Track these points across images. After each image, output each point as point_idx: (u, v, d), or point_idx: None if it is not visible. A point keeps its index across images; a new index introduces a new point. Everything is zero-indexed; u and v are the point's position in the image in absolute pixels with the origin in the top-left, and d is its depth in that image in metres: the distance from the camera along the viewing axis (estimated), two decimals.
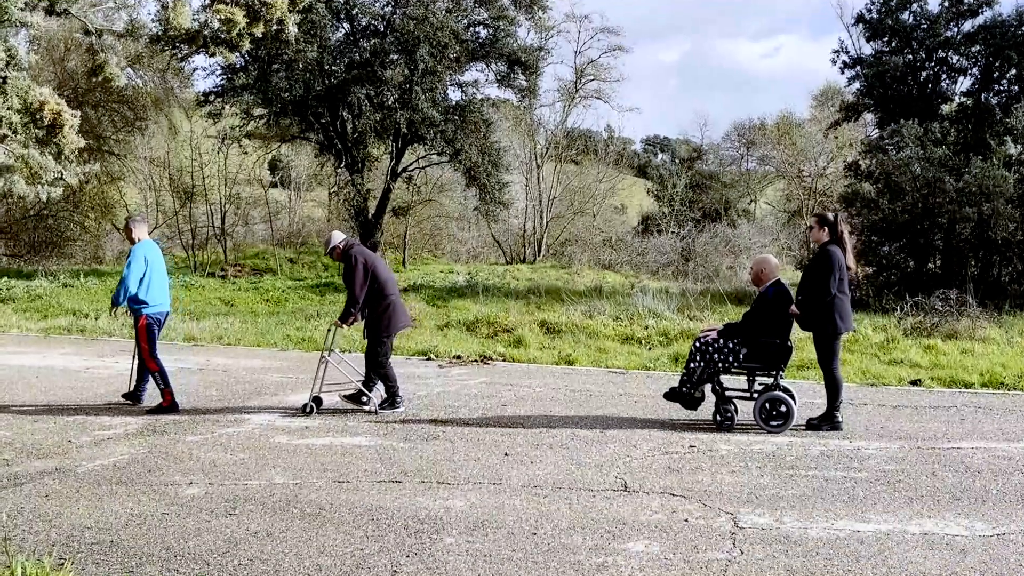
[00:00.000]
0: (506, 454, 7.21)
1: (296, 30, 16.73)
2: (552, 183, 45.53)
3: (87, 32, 15.82)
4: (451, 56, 27.28)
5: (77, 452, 7.21)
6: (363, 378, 9.12)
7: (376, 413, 8.89)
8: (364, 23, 28.53)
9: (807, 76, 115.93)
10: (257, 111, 29.05)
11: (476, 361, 13.03)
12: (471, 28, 28.90)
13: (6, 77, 13.59)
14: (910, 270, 22.93)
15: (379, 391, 9.16)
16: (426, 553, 4.91)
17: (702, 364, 8.39)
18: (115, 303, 9.14)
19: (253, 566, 4.71)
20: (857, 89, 27.47)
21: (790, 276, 32.33)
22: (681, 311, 17.55)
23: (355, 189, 28.64)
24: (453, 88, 30.22)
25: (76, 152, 14.81)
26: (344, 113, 28.36)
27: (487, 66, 29.79)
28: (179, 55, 25.36)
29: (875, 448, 7.47)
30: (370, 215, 29.93)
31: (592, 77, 48.10)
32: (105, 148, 29.85)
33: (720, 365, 8.34)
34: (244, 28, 14.99)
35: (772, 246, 39.38)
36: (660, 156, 78.05)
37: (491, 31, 28.99)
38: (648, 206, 54.95)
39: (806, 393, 10.03)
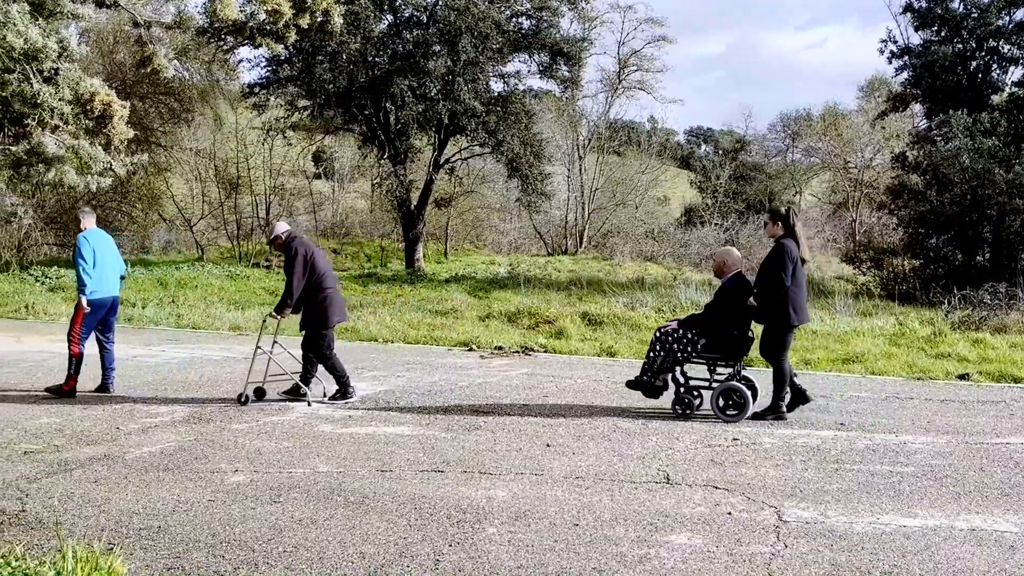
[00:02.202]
0: (548, 445, 7.21)
1: (341, 21, 16.82)
2: (594, 174, 45.39)
3: (136, 24, 16.00)
4: (493, 47, 27.30)
5: (125, 439, 7.32)
6: (300, 372, 9.17)
7: (310, 405, 8.86)
8: (407, 14, 28.66)
9: (854, 67, 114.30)
10: (301, 103, 29.34)
11: (518, 352, 13.04)
12: (513, 19, 28.90)
13: (58, 68, 13.78)
14: (958, 263, 22.62)
15: (321, 382, 9.22)
16: (468, 542, 4.93)
17: (662, 354, 8.43)
18: (82, 292, 9.38)
19: (297, 553, 4.76)
20: (905, 79, 27.07)
21: (837, 269, 32.03)
22: None
23: (398, 180, 28.79)
24: (495, 79, 30.28)
25: (125, 143, 15.00)
26: (387, 104, 28.52)
27: (529, 57, 29.78)
28: (225, 47, 25.64)
29: (922, 443, 7.37)
30: (412, 206, 30.10)
31: (636, 68, 47.87)
32: (152, 139, 30.24)
33: (679, 355, 8.39)
34: (290, 19, 15.08)
35: (817, 239, 38.98)
36: (704, 147, 77.50)
37: (534, 22, 28.98)
38: (691, 197, 54.62)
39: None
